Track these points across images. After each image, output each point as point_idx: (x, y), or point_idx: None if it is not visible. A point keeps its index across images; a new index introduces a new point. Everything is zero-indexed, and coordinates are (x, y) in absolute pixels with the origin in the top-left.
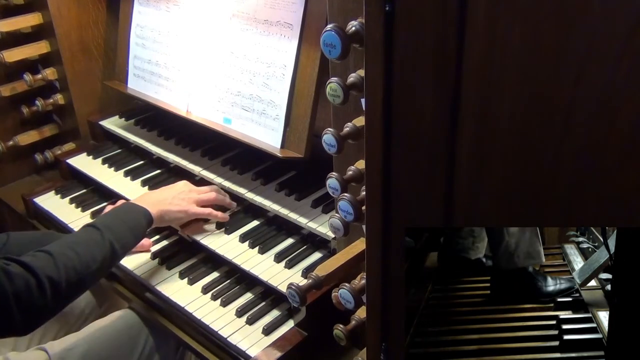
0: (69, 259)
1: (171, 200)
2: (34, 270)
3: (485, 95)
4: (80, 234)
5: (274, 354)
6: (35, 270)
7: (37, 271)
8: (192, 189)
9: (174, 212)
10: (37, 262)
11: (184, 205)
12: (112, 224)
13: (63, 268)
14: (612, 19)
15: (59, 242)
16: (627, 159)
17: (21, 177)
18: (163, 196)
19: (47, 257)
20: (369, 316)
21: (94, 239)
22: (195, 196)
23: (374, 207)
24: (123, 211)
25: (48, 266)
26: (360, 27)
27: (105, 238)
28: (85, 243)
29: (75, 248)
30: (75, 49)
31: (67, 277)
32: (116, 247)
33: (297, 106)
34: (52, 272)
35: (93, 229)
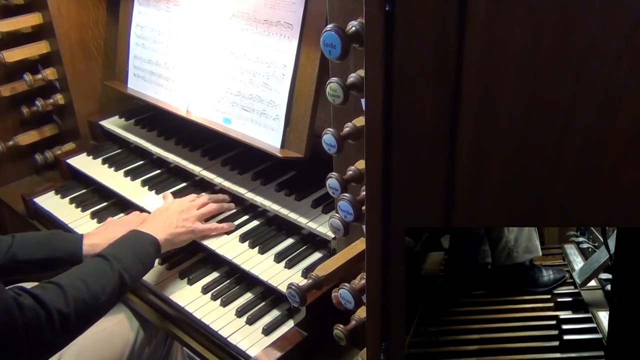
0: (79, 290)
1: (176, 223)
2: (44, 304)
3: (485, 95)
4: (90, 265)
5: (274, 354)
6: (46, 304)
7: (48, 305)
8: (190, 206)
9: (182, 235)
10: (48, 296)
11: (189, 226)
12: (120, 255)
13: (72, 301)
14: (612, 18)
15: (68, 273)
16: (627, 159)
17: (21, 177)
18: (167, 220)
19: (57, 289)
20: (369, 316)
21: (103, 270)
22: (197, 212)
23: (374, 207)
24: (131, 240)
25: (58, 299)
26: (360, 27)
27: (114, 269)
28: (94, 274)
29: (85, 279)
30: (75, 49)
31: (77, 310)
32: (125, 277)
33: (297, 106)
34: (62, 306)
35: (102, 260)
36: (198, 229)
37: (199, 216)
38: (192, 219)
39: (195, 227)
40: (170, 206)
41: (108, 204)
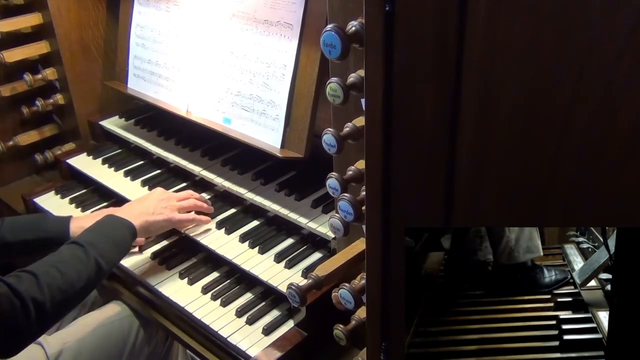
0: (53, 278)
1: (154, 210)
2: (18, 293)
3: (485, 95)
4: (64, 252)
5: (274, 354)
6: (20, 293)
7: (22, 293)
8: (170, 196)
9: (159, 222)
10: (22, 284)
11: (167, 214)
12: (96, 240)
13: (47, 289)
14: (612, 18)
15: (42, 261)
16: (627, 159)
17: (21, 177)
18: (145, 207)
19: (31, 277)
20: (369, 316)
21: (78, 256)
22: (176, 203)
23: (374, 207)
24: (107, 225)
25: (32, 287)
26: (360, 27)
27: (89, 255)
28: (69, 261)
29: (60, 267)
30: (75, 49)
31: (52, 297)
32: (101, 263)
33: (297, 106)
34: (37, 294)
35: (77, 247)
36: (175, 218)
37: (179, 207)
38: (172, 207)
39: (173, 216)
40: (151, 194)
41: (108, 204)
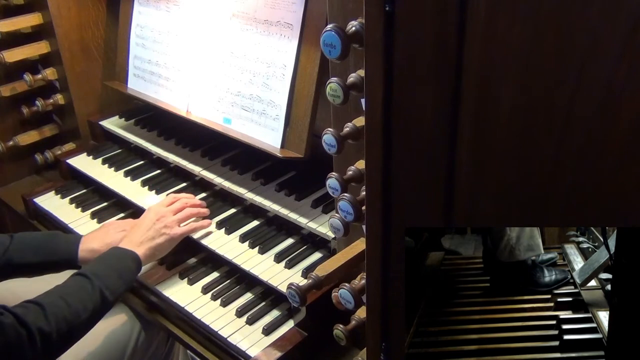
0: (60, 309)
1: (154, 234)
2: (25, 324)
3: (485, 95)
4: (70, 284)
5: (274, 354)
6: (27, 324)
7: (29, 324)
8: (165, 213)
9: (162, 245)
10: (29, 315)
11: (168, 233)
12: (101, 272)
13: (54, 319)
14: (612, 18)
15: (49, 292)
16: (627, 159)
17: (21, 177)
18: (144, 233)
19: (37, 308)
20: (369, 316)
21: (84, 287)
22: (174, 218)
23: (374, 207)
24: (112, 257)
25: (38, 318)
26: (360, 27)
27: (95, 286)
28: (75, 293)
29: (66, 298)
30: (75, 49)
31: (58, 328)
32: (106, 294)
33: (297, 106)
34: (43, 324)
35: (83, 278)
36: (177, 233)
37: (177, 221)
38: (171, 224)
39: (174, 232)
40: (146, 216)
41: (108, 204)
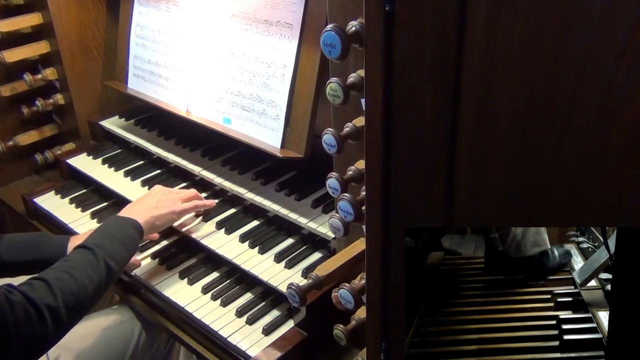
0: (65, 283)
1: (156, 204)
2: (33, 301)
3: (485, 95)
4: (73, 257)
5: (274, 354)
6: (35, 301)
7: (36, 301)
8: (170, 190)
9: (163, 215)
10: (35, 292)
11: (170, 206)
12: (103, 242)
13: (60, 294)
14: (612, 18)
15: (53, 268)
16: (627, 159)
17: (21, 177)
18: (147, 203)
19: (43, 285)
20: (369, 316)
21: (88, 259)
22: (177, 195)
23: (374, 207)
24: (112, 226)
25: (45, 294)
26: (360, 27)
27: (98, 257)
28: (79, 266)
29: (71, 272)
30: (75, 49)
31: (66, 302)
32: (111, 264)
33: (297, 106)
34: (50, 300)
35: (85, 250)
36: (178, 208)
37: (181, 198)
38: (174, 200)
39: (176, 207)
40: (151, 192)
41: (108, 204)
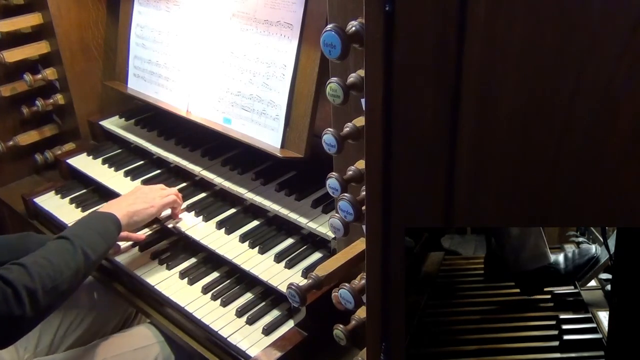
0: (42, 267)
1: (134, 200)
2: (9, 282)
3: (485, 95)
4: (50, 246)
5: (274, 354)
6: (11, 282)
7: (13, 282)
8: (151, 187)
9: (142, 210)
10: (12, 274)
11: (149, 200)
12: (79, 232)
13: (37, 276)
14: (612, 18)
15: (31, 255)
16: (627, 158)
17: (21, 177)
18: (125, 201)
19: (20, 268)
20: (369, 316)
21: (65, 247)
22: (159, 192)
23: (374, 207)
24: (89, 219)
25: (22, 276)
26: (360, 27)
27: (75, 245)
28: (56, 252)
29: (48, 257)
30: (75, 49)
31: (43, 284)
32: (88, 252)
33: (297, 106)
34: (27, 281)
35: (63, 240)
36: (158, 202)
37: (160, 194)
38: (153, 194)
39: (155, 200)
40: (134, 189)
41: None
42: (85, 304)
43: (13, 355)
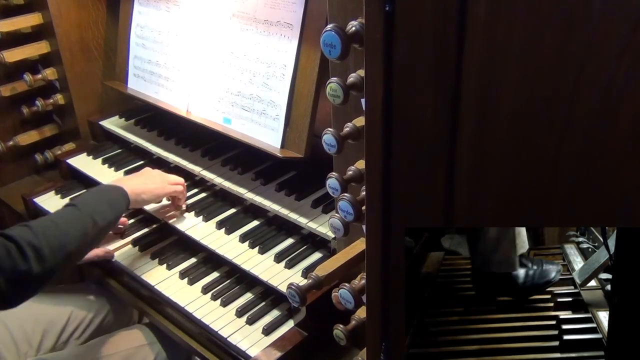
0: (47, 227)
1: (144, 180)
2: (12, 237)
3: (485, 95)
4: (58, 211)
5: (274, 354)
6: (14, 238)
7: (16, 238)
8: (159, 172)
9: (151, 190)
10: (15, 231)
11: (158, 182)
12: (87, 200)
13: (42, 235)
14: (612, 18)
15: (36, 219)
16: (627, 159)
17: (21, 177)
18: (136, 178)
19: (23, 227)
20: (369, 316)
21: (71, 212)
22: (167, 178)
23: (374, 207)
24: (97, 190)
25: (25, 233)
26: (360, 27)
27: (82, 210)
28: (62, 216)
29: (53, 219)
30: (75, 49)
31: (48, 242)
32: (95, 217)
33: (297, 106)
34: (32, 239)
35: (70, 207)
36: (165, 186)
37: (168, 180)
38: (162, 179)
39: (164, 184)
40: (142, 170)
41: None
42: (91, 310)
43: (14, 356)
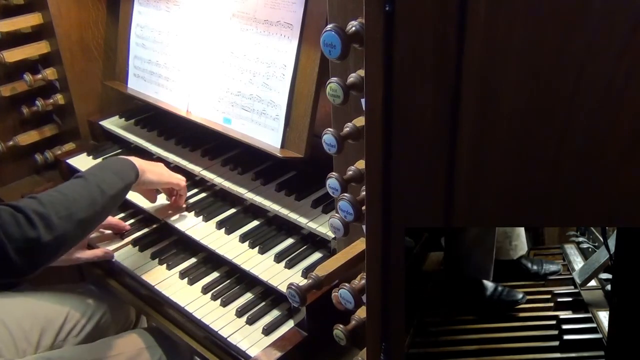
0: (54, 197)
1: (153, 165)
2: (18, 207)
3: (485, 95)
4: (65, 183)
5: (274, 354)
6: (21, 207)
7: (23, 208)
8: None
9: (157, 171)
10: (21, 202)
11: (164, 170)
12: (95, 171)
13: (49, 204)
14: (612, 18)
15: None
16: (627, 159)
17: (21, 177)
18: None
19: (30, 198)
20: (369, 316)
21: (78, 182)
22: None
23: (374, 207)
24: (105, 161)
25: (32, 203)
26: (360, 27)
27: (89, 180)
28: (69, 186)
29: (60, 189)
30: (75, 49)
31: (56, 211)
32: (103, 186)
33: (297, 106)
34: (38, 207)
35: (77, 178)
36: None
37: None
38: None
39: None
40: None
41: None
42: (88, 309)
43: (13, 353)
